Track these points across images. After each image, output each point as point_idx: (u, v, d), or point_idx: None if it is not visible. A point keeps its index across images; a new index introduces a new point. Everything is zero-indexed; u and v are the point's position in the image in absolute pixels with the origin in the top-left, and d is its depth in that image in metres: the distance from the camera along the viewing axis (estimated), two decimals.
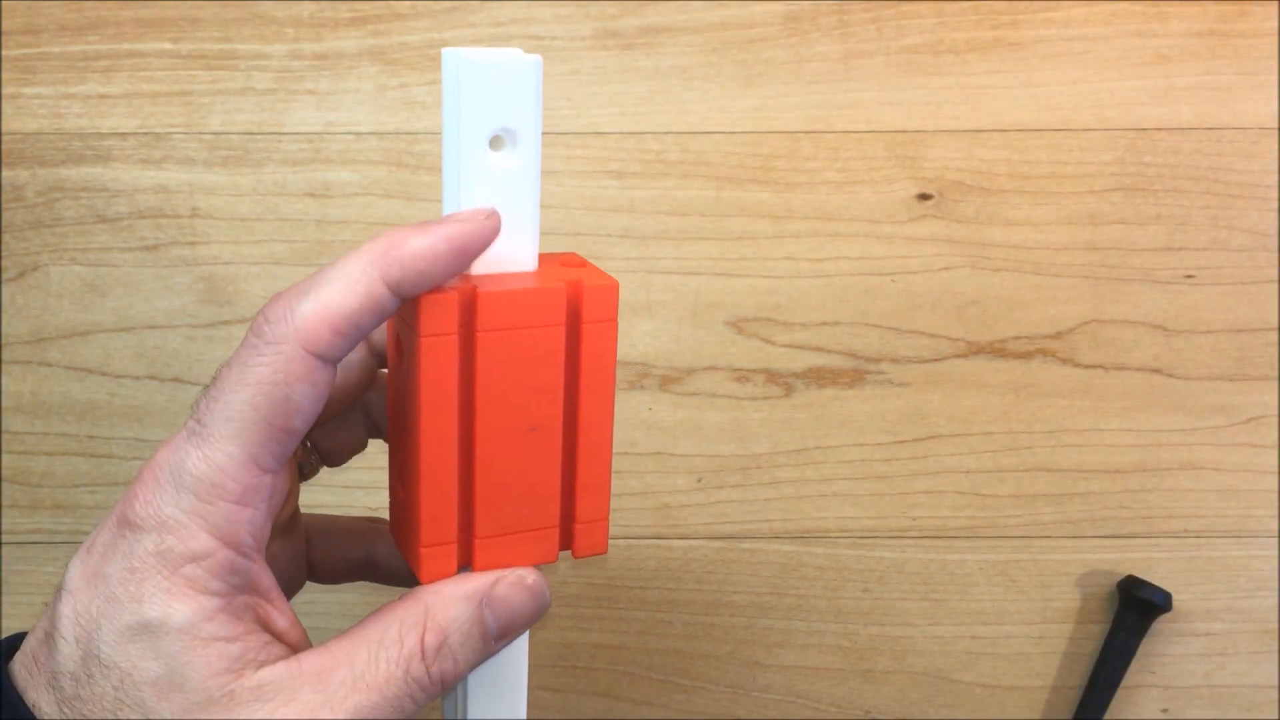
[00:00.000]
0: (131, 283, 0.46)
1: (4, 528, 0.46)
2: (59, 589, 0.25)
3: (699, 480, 0.47)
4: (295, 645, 0.26)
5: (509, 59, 0.25)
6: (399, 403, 0.27)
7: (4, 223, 0.46)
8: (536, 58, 0.25)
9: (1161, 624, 0.47)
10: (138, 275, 0.46)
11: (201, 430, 0.24)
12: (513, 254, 0.26)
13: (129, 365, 0.46)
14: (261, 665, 0.24)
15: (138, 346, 0.46)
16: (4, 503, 0.46)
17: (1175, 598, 0.46)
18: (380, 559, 0.32)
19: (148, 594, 0.24)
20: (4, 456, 0.46)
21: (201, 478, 0.24)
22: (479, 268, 0.26)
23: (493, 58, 0.25)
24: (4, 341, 0.46)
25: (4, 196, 0.46)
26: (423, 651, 0.25)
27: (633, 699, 0.48)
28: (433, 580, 0.27)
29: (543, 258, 0.27)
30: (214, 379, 0.25)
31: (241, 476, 0.24)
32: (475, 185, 0.26)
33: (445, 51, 0.25)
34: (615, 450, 0.28)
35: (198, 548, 0.24)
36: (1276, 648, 0.48)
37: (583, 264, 0.28)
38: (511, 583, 0.27)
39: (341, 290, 0.24)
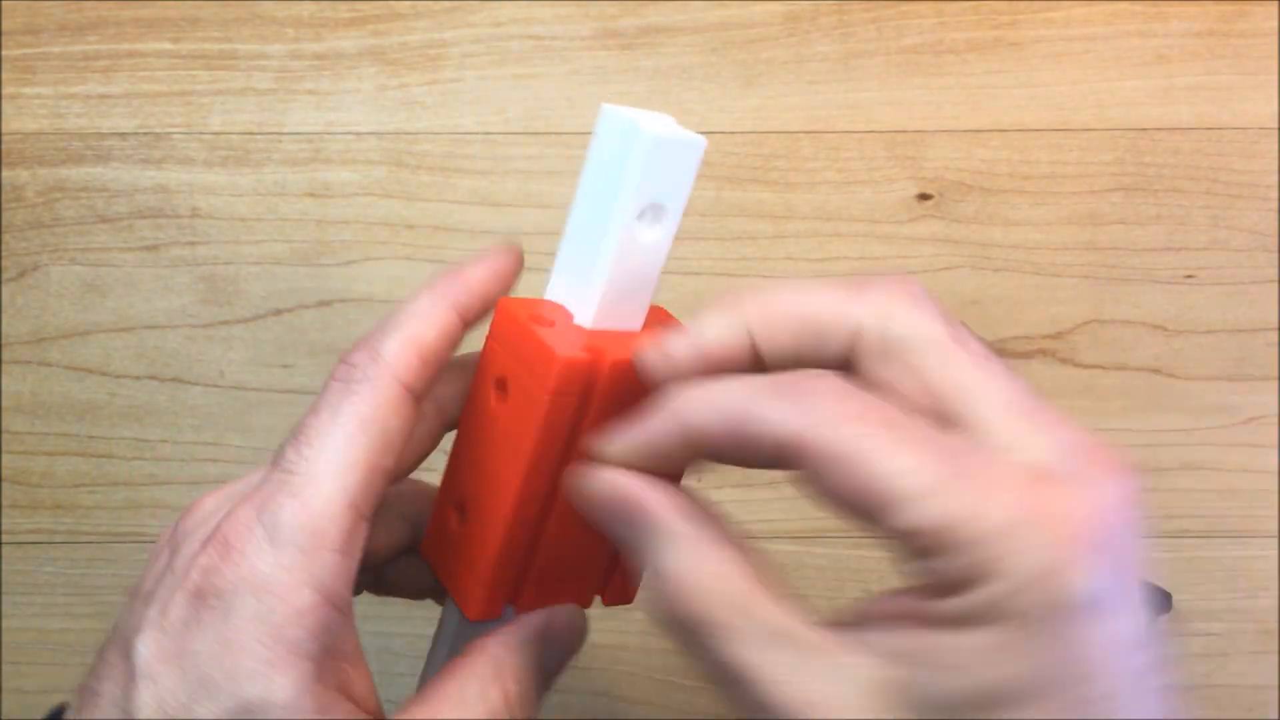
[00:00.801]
0: (131, 283, 0.46)
1: (4, 528, 0.46)
2: (131, 675, 0.23)
3: (699, 480, 0.47)
4: (372, 713, 0.25)
5: (680, 139, 0.25)
6: (480, 443, 0.27)
7: (4, 223, 0.46)
8: (701, 140, 0.25)
9: (1161, 624, 0.47)
10: (138, 275, 0.46)
11: (294, 479, 0.23)
12: (624, 318, 0.27)
13: (129, 365, 0.46)
14: None
15: (138, 346, 0.46)
16: (4, 503, 0.46)
17: (1175, 598, 0.46)
18: None
19: (246, 669, 0.22)
20: (4, 456, 0.46)
21: (302, 527, 0.23)
22: (595, 323, 0.26)
23: (665, 134, 0.25)
24: (4, 341, 0.46)
25: (4, 196, 0.46)
26: (506, 703, 0.25)
27: (632, 699, 0.48)
28: (480, 618, 0.27)
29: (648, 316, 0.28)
30: (297, 431, 0.24)
31: (342, 522, 0.23)
32: (615, 252, 0.26)
33: (608, 110, 0.25)
34: None
35: (301, 604, 0.22)
36: (1276, 648, 0.48)
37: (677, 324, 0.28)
38: (561, 624, 0.27)
39: (421, 323, 0.25)
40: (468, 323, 0.25)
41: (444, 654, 0.29)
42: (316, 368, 0.46)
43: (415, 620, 0.46)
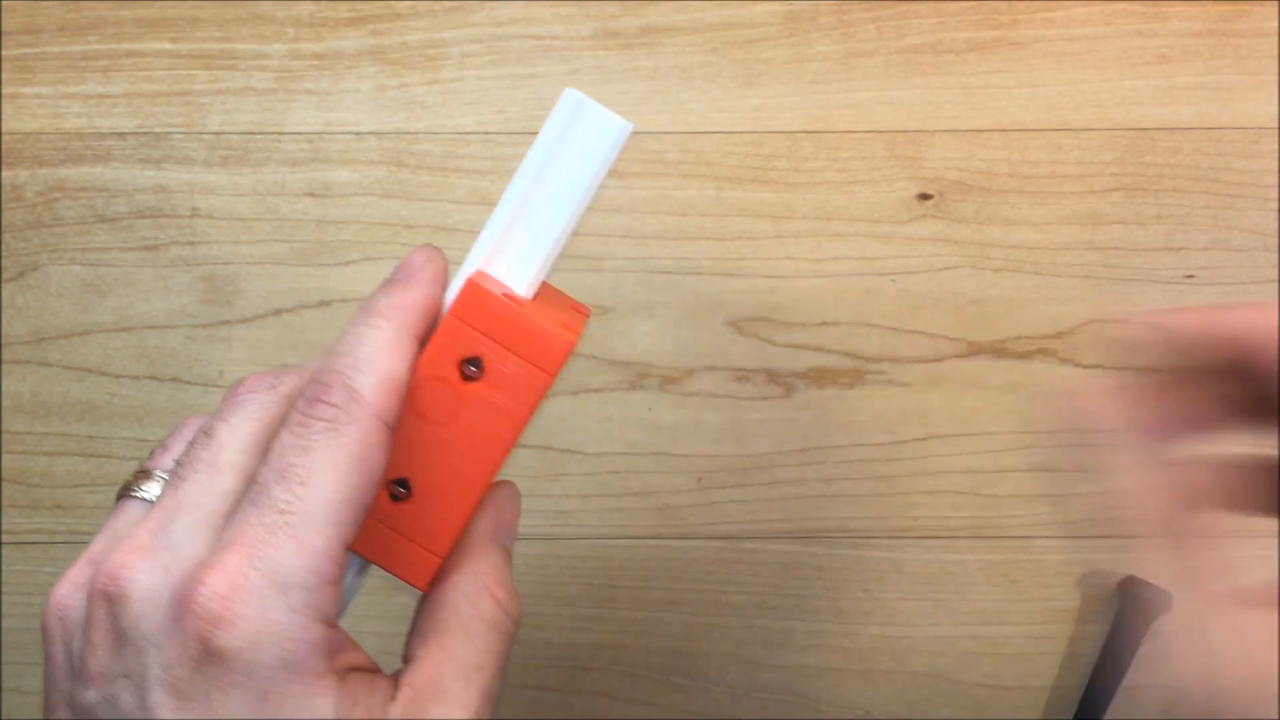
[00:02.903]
0: (131, 283, 0.46)
1: (4, 528, 0.46)
2: None
3: (699, 480, 0.47)
4: (374, 668, 0.26)
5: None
6: (435, 421, 0.27)
7: (4, 223, 0.46)
8: (628, 125, 0.28)
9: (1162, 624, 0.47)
10: (137, 275, 0.46)
11: (291, 520, 0.24)
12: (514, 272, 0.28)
13: (129, 365, 0.46)
14: (388, 706, 0.25)
15: (137, 346, 0.46)
16: (4, 503, 0.46)
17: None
18: None
19: (289, 707, 0.23)
20: (4, 456, 0.46)
21: (304, 568, 0.24)
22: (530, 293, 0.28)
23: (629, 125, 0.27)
24: (4, 341, 0.46)
25: (4, 196, 0.46)
26: (501, 608, 0.27)
27: (633, 699, 0.48)
28: (427, 587, 0.28)
29: (550, 294, 0.29)
30: (284, 470, 0.24)
31: (338, 557, 0.24)
32: (572, 228, 0.27)
33: (574, 95, 0.27)
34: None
35: (314, 638, 0.24)
36: None
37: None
38: (507, 512, 0.28)
39: (393, 359, 0.25)
40: (420, 344, 0.26)
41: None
42: None
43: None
